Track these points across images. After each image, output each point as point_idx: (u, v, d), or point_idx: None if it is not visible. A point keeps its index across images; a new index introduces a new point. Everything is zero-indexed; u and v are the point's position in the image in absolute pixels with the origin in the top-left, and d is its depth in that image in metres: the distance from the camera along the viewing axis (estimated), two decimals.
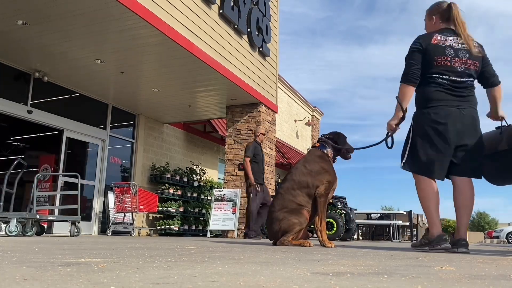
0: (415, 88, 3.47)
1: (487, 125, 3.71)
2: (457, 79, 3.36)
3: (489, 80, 3.52)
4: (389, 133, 3.60)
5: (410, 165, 3.50)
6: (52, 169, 9.18)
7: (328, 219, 9.24)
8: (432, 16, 3.65)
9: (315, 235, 4.23)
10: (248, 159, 7.44)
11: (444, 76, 3.37)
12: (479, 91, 3.58)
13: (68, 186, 8.82)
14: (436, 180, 3.41)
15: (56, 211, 8.44)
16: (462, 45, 3.42)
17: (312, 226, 4.13)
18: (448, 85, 3.36)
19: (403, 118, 3.53)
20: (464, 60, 3.39)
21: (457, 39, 3.43)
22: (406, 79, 3.45)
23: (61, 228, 8.32)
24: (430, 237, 3.39)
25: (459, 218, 3.37)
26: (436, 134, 3.33)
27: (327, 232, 8.14)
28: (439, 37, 3.43)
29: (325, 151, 4.10)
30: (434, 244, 3.29)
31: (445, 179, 3.46)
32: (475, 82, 3.49)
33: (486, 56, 3.53)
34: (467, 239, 3.36)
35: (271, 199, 6.73)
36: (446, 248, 3.20)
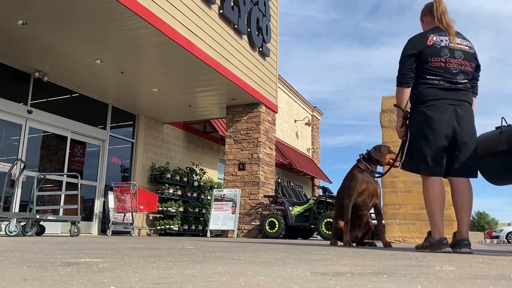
0: (409, 90, 3.46)
1: (486, 126, 3.68)
2: (452, 79, 3.33)
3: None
4: (401, 146, 3.61)
5: (407, 164, 3.49)
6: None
7: (328, 219, 9.21)
8: (423, 18, 3.62)
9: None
10: None
11: (438, 77, 3.34)
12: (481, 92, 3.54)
13: (68, 186, 8.83)
14: (442, 181, 3.38)
15: (61, 211, 8.46)
16: (458, 45, 3.39)
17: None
18: (442, 85, 3.33)
19: (406, 118, 3.52)
20: (459, 61, 3.35)
21: (449, 39, 3.38)
22: (400, 82, 3.47)
23: (57, 228, 8.32)
24: (431, 240, 3.38)
25: (459, 218, 3.34)
26: (430, 130, 3.30)
27: (328, 232, 8.15)
28: (434, 38, 3.38)
29: (358, 166, 4.63)
30: (435, 248, 3.28)
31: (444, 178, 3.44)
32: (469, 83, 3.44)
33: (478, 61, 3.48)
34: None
35: None
36: (447, 252, 3.18)
